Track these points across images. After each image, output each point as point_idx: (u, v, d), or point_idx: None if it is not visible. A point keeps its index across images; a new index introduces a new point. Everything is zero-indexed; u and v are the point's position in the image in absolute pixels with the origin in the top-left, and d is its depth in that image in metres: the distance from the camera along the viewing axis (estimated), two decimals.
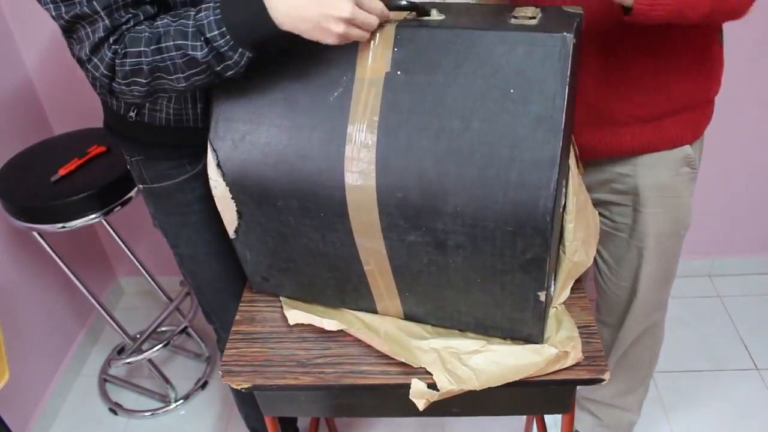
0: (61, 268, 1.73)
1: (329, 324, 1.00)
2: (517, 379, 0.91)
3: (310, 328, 1.03)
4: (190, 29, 0.80)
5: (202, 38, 0.79)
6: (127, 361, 1.89)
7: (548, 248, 0.82)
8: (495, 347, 0.93)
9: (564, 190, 0.93)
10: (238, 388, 0.97)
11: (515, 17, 0.81)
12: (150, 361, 1.91)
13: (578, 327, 0.95)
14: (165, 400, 1.93)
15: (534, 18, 0.81)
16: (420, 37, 0.82)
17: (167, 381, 1.94)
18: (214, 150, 0.92)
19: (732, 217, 2.04)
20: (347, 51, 0.84)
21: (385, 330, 1.01)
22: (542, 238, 0.80)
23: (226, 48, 0.79)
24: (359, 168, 0.84)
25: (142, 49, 0.82)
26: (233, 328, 1.06)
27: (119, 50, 0.83)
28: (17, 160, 1.66)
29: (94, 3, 0.81)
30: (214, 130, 0.92)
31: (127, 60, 0.83)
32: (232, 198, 0.95)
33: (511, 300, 0.90)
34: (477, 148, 0.79)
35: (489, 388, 0.90)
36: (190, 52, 0.80)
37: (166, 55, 0.81)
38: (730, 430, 1.70)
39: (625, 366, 1.46)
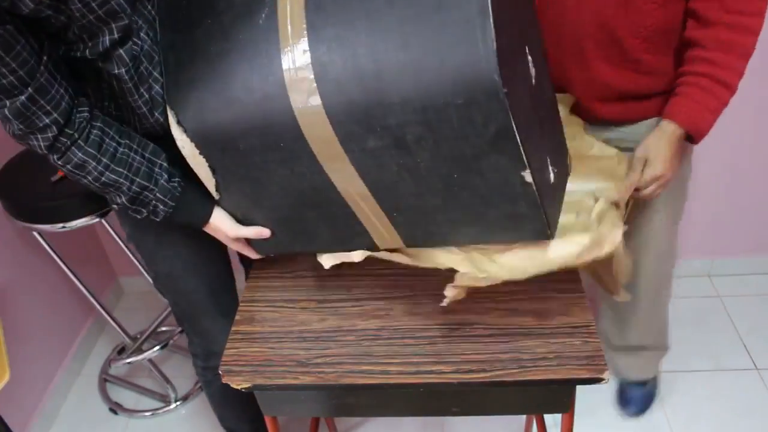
0: (61, 268, 1.73)
1: (357, 255, 1.00)
2: (546, 270, 0.89)
3: (310, 328, 1.03)
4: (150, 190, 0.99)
5: (144, 207, 1.01)
6: (128, 361, 1.90)
7: (508, 114, 0.75)
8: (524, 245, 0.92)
9: (530, 57, 0.86)
10: (239, 387, 0.97)
11: None
12: (150, 360, 1.92)
13: (578, 327, 0.95)
14: (165, 400, 1.93)
15: None
16: None
17: (167, 381, 1.94)
18: (172, 110, 0.92)
19: (732, 217, 2.04)
20: None
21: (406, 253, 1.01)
22: (497, 101, 0.74)
23: (152, 215, 1.02)
24: (301, 86, 0.83)
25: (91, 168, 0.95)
26: (233, 328, 1.06)
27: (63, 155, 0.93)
28: (17, 160, 1.66)
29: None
30: (167, 90, 0.93)
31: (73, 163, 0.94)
32: (200, 153, 0.94)
33: (498, 192, 0.85)
34: (405, 22, 0.76)
35: (489, 386, 0.90)
36: (120, 199, 1.00)
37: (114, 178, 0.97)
38: (729, 429, 1.70)
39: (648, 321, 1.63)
